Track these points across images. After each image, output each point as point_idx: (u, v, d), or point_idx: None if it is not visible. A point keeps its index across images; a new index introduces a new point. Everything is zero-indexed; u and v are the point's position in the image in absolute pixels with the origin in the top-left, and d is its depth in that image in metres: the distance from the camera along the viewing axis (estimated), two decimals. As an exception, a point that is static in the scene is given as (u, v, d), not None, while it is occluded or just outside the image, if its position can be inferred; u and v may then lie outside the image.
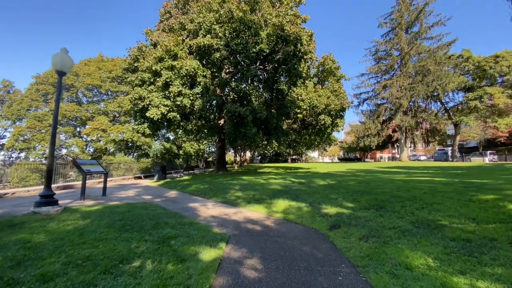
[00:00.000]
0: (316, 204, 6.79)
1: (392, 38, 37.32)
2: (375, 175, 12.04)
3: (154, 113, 10.73)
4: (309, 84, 16.50)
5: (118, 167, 21.78)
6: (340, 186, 8.62)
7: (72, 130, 25.42)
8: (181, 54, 11.06)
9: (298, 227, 5.36)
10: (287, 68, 11.54)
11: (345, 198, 7.04)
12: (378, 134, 36.55)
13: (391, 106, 35.86)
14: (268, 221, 5.71)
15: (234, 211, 6.64)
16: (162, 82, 10.83)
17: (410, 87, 34.00)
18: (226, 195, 8.59)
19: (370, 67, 38.25)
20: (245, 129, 11.27)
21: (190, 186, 11.00)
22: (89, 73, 25.41)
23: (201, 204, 7.56)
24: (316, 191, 8.14)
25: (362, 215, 5.56)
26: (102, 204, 6.84)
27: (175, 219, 5.43)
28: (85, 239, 3.96)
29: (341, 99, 16.14)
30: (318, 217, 5.85)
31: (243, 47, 10.93)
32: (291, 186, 9.26)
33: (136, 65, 12.57)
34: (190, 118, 12.85)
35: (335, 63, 18.36)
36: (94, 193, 8.92)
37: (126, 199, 7.93)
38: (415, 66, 35.52)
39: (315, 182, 9.84)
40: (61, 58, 6.49)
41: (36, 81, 26.12)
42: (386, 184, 8.43)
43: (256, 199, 7.74)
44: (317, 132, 18.12)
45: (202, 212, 6.46)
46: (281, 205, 6.91)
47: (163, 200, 8.09)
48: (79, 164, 7.51)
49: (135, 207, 6.47)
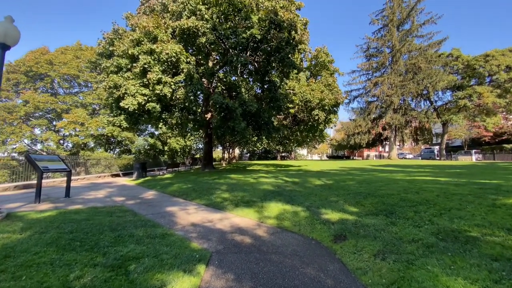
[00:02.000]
0: (314, 208, 5.91)
1: (384, 35, 37.07)
2: (373, 174, 11.35)
3: (130, 103, 9.45)
4: (301, 77, 15.63)
5: (96, 163, 20.21)
6: (339, 186, 7.79)
7: (46, 123, 23.38)
8: (162, 37, 9.80)
9: (296, 238, 4.44)
10: (280, 57, 10.55)
11: (347, 201, 6.20)
12: (369, 131, 36.37)
13: (381, 104, 35.71)
14: (259, 230, 4.76)
15: (220, 217, 5.65)
16: (139, 68, 9.55)
17: (401, 84, 33.91)
18: (211, 197, 7.57)
19: (361, 64, 37.89)
20: (234, 123, 10.21)
21: (172, 185, 9.89)
22: (65, 61, 23.37)
23: (181, 207, 6.51)
24: (312, 192, 7.26)
25: (370, 222, 4.72)
26: (58, 209, 5.66)
27: (144, 230, 4.37)
28: (7, 264, 2.85)
29: (335, 94, 15.37)
30: (318, 224, 4.95)
31: (232, 31, 9.83)
32: (284, 186, 8.35)
33: (111, 50, 11.18)
34: (172, 110, 11.63)
35: (329, 56, 17.56)
36: (57, 194, 7.67)
37: (92, 202, 6.76)
38: (406, 64, 35.47)
39: (310, 181, 8.98)
40: (4, 28, 5.20)
41: (6, 69, 23.75)
42: (389, 184, 7.67)
43: (245, 201, 6.78)
44: (310, 128, 17.31)
45: (181, 219, 5.42)
46: (274, 209, 5.98)
47: (137, 202, 6.98)
48: (33, 159, 6.25)
49: (99, 213, 5.36)
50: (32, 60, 22.65)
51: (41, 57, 23.13)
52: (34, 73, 22.59)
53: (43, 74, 23.12)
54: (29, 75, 23.00)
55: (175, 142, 30.78)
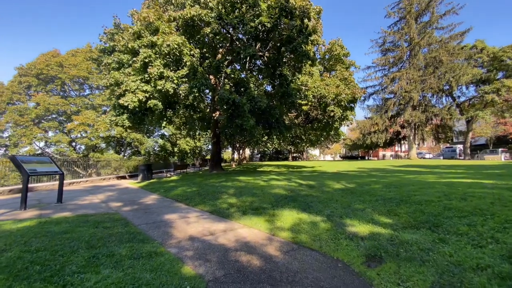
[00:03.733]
0: (336, 217, 4.92)
1: (401, 28, 35.11)
2: (398, 176, 10.15)
3: (130, 100, 8.78)
4: (315, 71, 14.57)
5: (105, 165, 20.02)
6: (363, 191, 6.73)
7: (57, 126, 23.52)
8: (164, 29, 9.09)
9: (317, 259, 3.47)
10: (292, 47, 9.57)
11: (375, 209, 5.18)
12: (386, 130, 34.48)
13: (399, 100, 33.75)
14: (270, 247, 3.84)
15: (224, 228, 4.77)
16: (140, 63, 8.89)
17: (421, 79, 31.91)
18: (216, 202, 6.72)
19: (377, 59, 36.11)
20: (242, 120, 9.35)
21: (176, 188, 9.15)
22: (75, 64, 23.44)
23: (181, 215, 5.69)
24: (332, 197, 6.26)
25: (411, 238, 3.70)
26: (42, 218, 5.00)
27: (129, 247, 3.55)
28: None
29: (352, 88, 14.18)
30: (343, 239, 3.97)
31: (239, 20, 9.00)
32: (298, 190, 7.38)
33: (113, 45, 10.63)
34: (176, 107, 10.94)
35: (344, 49, 16.37)
36: (52, 198, 7.07)
37: (84, 208, 6.09)
38: (426, 57, 33.38)
39: (328, 185, 7.95)
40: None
41: (18, 72, 24.14)
42: (423, 188, 6.55)
43: (254, 208, 5.88)
44: (324, 126, 16.17)
45: (178, 230, 4.59)
46: (287, 219, 5.04)
47: (133, 209, 6.25)
48: (18, 161, 5.65)
49: (84, 223, 4.63)
50: (43, 62, 22.87)
51: (52, 60, 23.32)
52: (45, 75, 22.81)
53: (53, 77, 23.29)
54: (40, 77, 23.25)
55: (185, 143, 30.38)
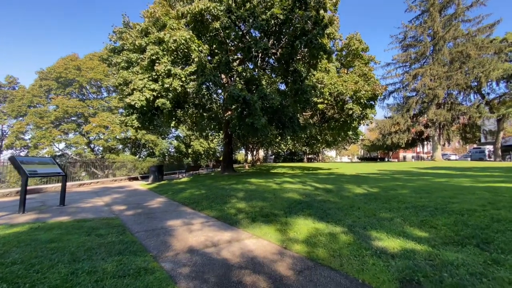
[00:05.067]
0: (359, 228, 4.21)
1: (424, 21, 33.13)
2: (426, 179, 9.16)
3: (137, 99, 8.50)
4: (331, 68, 13.75)
5: (121, 166, 20.25)
6: (389, 196, 5.93)
7: (75, 128, 24.24)
8: (172, 25, 8.75)
9: (338, 282, 2.78)
10: (307, 40, 8.88)
11: (406, 219, 4.41)
12: (408, 130, 32.57)
13: (423, 98, 31.76)
14: (281, 264, 3.21)
15: (229, 237, 4.20)
16: (147, 61, 8.61)
17: (446, 76, 29.83)
18: (224, 207, 6.18)
19: (397, 55, 34.29)
20: (253, 119, 8.79)
21: (184, 191, 8.74)
22: (92, 67, 24.10)
23: (185, 221, 5.20)
24: (353, 204, 5.52)
25: (455, 258, 2.95)
26: (36, 222, 4.69)
27: (117, 261, 3.07)
28: None
29: (372, 84, 13.22)
30: (369, 256, 3.26)
31: (249, 13, 8.49)
32: (314, 194, 6.68)
33: (122, 44, 10.49)
34: (185, 106, 10.59)
35: (363, 43, 15.39)
36: (56, 201, 6.85)
37: (85, 212, 5.78)
38: (452, 52, 31.22)
39: (348, 189, 7.18)
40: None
41: (39, 76, 25.16)
42: (461, 194, 5.66)
43: (265, 214, 5.27)
44: (341, 126, 15.26)
45: (178, 240, 4.07)
46: (302, 228, 4.39)
47: (136, 213, 5.86)
48: (18, 162, 5.43)
49: (77, 230, 4.25)
50: (61, 66, 23.66)
51: (70, 63, 24.09)
52: (64, 79, 23.59)
53: (72, 80, 24.06)
54: (59, 81, 24.08)
55: (199, 144, 30.34)
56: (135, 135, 21.28)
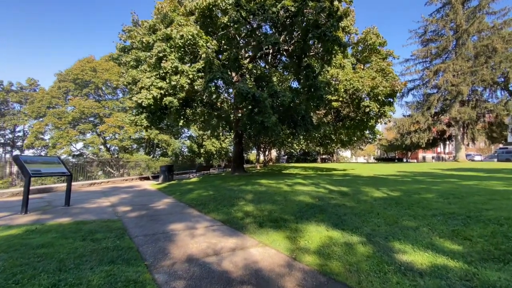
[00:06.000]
0: (380, 238, 3.72)
1: (446, 14, 31.30)
2: (453, 182, 8.38)
3: (144, 97, 8.35)
4: (346, 63, 13.09)
5: (135, 165, 20.56)
6: (412, 201, 5.34)
7: (91, 128, 24.96)
8: (179, 21, 8.54)
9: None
10: (320, 32, 8.33)
11: (434, 229, 3.87)
12: (429, 129, 30.86)
13: (445, 95, 29.99)
14: (290, 279, 2.79)
15: (233, 245, 3.84)
16: (154, 58, 8.45)
17: (471, 71, 27.99)
18: (231, 209, 5.84)
19: (417, 50, 32.60)
20: (263, 117, 8.39)
21: (192, 192, 8.50)
22: (107, 68, 24.70)
23: (189, 225, 4.89)
24: (372, 209, 4.99)
25: (497, 279, 2.44)
26: (35, 224, 4.55)
27: (108, 270, 2.78)
28: None
29: (391, 80, 12.42)
30: (393, 273, 2.78)
31: (259, 6, 8.13)
32: (327, 198, 6.18)
33: (131, 42, 10.46)
34: (194, 105, 10.37)
35: (380, 38, 14.57)
36: (63, 201, 6.76)
37: (88, 213, 5.63)
38: (476, 46, 29.27)
39: (365, 192, 6.61)
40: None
41: (58, 78, 26.16)
42: (495, 200, 5.00)
43: (273, 219, 4.86)
44: (357, 124, 14.52)
45: (178, 247, 3.75)
46: (314, 237, 3.95)
47: (140, 215, 5.64)
48: (21, 161, 5.36)
49: (74, 233, 4.04)
50: (78, 68, 24.43)
51: (86, 65, 24.82)
52: (81, 80, 24.35)
53: (88, 81, 24.78)
54: (76, 82, 24.88)
55: (211, 144, 30.35)
56: (148, 135, 21.54)
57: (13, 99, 33.59)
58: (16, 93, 33.80)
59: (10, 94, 33.80)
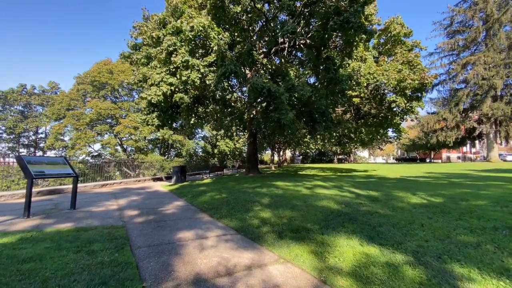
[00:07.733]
0: (431, 258, 2.95)
1: (474, 3, 29.02)
2: (499, 185, 7.31)
3: (153, 94, 7.93)
4: (368, 56, 12.12)
5: (149, 166, 20.55)
6: (461, 209, 4.48)
7: (108, 129, 25.41)
8: (190, 13, 8.06)
9: None
10: (343, 19, 7.51)
11: (502, 247, 3.06)
12: (457, 126, 28.68)
13: (475, 90, 27.76)
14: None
15: (249, 261, 3.22)
16: (164, 53, 8.04)
17: (504, 63, 25.71)
18: (245, 215, 5.23)
19: (442, 43, 30.48)
20: (279, 113, 7.71)
21: (204, 194, 8.01)
22: (123, 70, 25.06)
23: (199, 233, 4.33)
24: (413, 219, 4.19)
25: None
26: (33, 230, 4.15)
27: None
28: None
29: (419, 73, 11.34)
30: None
31: (274, -7, 7.51)
32: (355, 203, 5.41)
33: (142, 39, 10.15)
34: (205, 102, 9.89)
35: (405, 27, 13.44)
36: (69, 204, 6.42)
37: (92, 218, 5.23)
38: (510, 36, 26.91)
39: (399, 197, 5.76)
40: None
41: (76, 81, 26.97)
42: None
43: (294, 228, 4.19)
44: (380, 122, 13.47)
45: (184, 262, 3.19)
46: (346, 252, 3.25)
47: (147, 220, 5.18)
48: (24, 162, 5.06)
49: (70, 243, 3.60)
50: (96, 70, 24.96)
51: (103, 67, 25.31)
52: (98, 82, 24.85)
53: (104, 83, 25.26)
54: (94, 84, 25.43)
55: (224, 145, 30.04)
56: (162, 135, 21.52)
57: (35, 102, 35.21)
58: (39, 96, 35.40)
59: (33, 97, 35.44)
